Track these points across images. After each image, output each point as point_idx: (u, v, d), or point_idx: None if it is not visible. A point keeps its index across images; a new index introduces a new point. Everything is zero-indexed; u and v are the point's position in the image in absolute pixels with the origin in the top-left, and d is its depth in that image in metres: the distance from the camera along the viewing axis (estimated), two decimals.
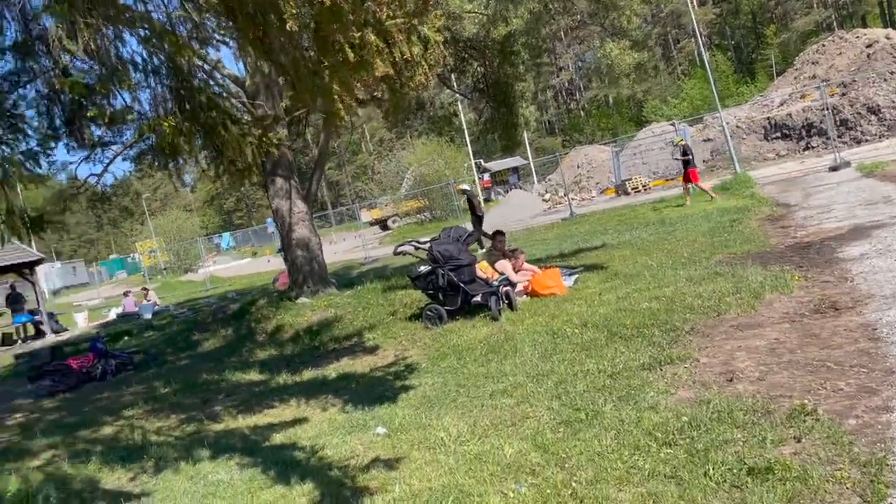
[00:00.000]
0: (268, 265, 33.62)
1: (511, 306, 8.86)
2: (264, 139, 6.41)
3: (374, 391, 7.14)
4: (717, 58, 58.90)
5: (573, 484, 3.80)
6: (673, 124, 27.20)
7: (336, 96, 5.63)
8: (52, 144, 10.10)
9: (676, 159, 19.10)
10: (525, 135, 42.60)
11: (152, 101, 7.51)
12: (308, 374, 8.52)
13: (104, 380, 11.09)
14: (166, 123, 5.42)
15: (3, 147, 7.38)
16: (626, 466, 3.88)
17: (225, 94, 10.55)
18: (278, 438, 6.16)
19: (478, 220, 16.52)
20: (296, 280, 12.61)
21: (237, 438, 6.46)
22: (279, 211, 12.61)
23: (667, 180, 26.33)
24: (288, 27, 4.67)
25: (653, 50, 72.52)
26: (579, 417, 4.77)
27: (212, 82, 9.16)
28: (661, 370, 5.39)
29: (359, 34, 5.07)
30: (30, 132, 7.80)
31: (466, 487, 4.07)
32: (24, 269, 22.83)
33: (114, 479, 5.88)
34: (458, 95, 24.01)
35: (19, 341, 22.56)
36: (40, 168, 8.86)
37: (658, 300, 7.39)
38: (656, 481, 3.65)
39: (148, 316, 21.79)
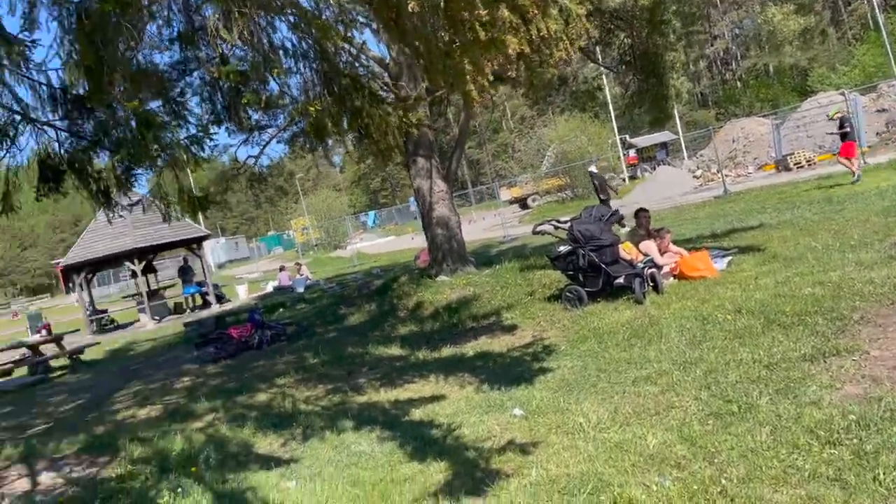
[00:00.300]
0: (411, 242, 34.50)
1: (656, 289, 8.47)
2: (405, 119, 6.47)
3: (511, 371, 7.10)
4: (894, 20, 52.96)
5: (723, 481, 3.56)
6: (843, 94, 24.81)
7: (468, 77, 5.55)
8: (215, 129, 10.86)
9: (832, 133, 17.37)
10: (675, 108, 40.61)
11: (302, 86, 7.83)
12: (447, 352, 8.63)
13: (260, 349, 11.84)
14: (313, 108, 5.58)
15: (170, 133, 7.97)
16: (782, 466, 3.58)
17: (369, 76, 10.81)
18: (417, 414, 6.27)
19: (603, 203, 16.01)
20: (435, 258, 12.80)
21: (378, 411, 6.65)
22: (420, 190, 12.82)
23: (833, 155, 24.14)
24: (410, 8, 4.64)
25: (820, 14, 66.40)
26: (731, 410, 4.47)
27: (357, 65, 9.40)
28: (826, 362, 4.93)
29: (486, 11, 4.94)
30: (190, 118, 8.35)
31: (606, 476, 3.93)
32: (193, 244, 24.87)
33: (266, 443, 6.25)
34: (602, 69, 23.23)
35: (188, 311, 24.68)
36: (203, 152, 9.56)
37: (822, 286, 6.76)
38: (817, 483, 3.34)
39: (300, 290, 23.03)
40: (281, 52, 7.14)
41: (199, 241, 24.70)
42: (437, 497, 4.25)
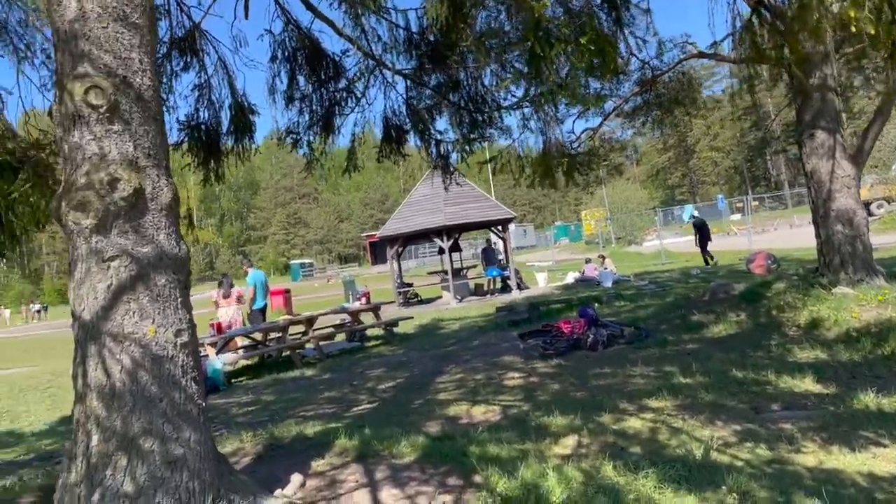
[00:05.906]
0: (732, 242, 30.64)
1: None
2: None
3: None
4: None
5: None
6: None
7: None
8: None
9: None
10: None
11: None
12: None
13: (594, 350, 9.99)
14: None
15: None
16: None
17: None
18: None
19: None
20: (830, 263, 9.80)
21: (852, 489, 4.29)
22: (815, 173, 9.89)
23: None
24: None
25: None
26: None
27: None
28: None
29: None
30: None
31: None
32: (499, 226, 24.15)
33: None
34: None
35: (489, 294, 24.05)
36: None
37: None
38: None
39: (608, 284, 21.04)
40: None
41: (506, 223, 23.89)
42: None
